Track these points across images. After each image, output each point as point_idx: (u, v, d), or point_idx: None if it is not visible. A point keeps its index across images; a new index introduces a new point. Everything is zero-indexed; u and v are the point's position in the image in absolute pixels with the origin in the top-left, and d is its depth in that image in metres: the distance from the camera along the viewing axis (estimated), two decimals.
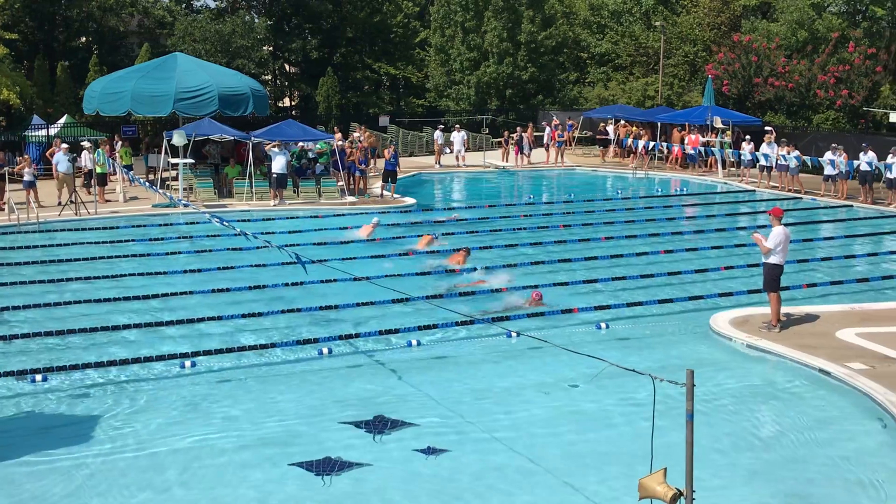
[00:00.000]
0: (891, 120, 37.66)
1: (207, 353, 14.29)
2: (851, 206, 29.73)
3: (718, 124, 36.91)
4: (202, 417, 12.05)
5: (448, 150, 40.10)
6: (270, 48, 53.27)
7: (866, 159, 29.68)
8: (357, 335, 15.30)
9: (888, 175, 28.93)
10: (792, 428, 11.99)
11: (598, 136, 42.35)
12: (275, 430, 11.69)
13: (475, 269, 19.97)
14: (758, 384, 13.63)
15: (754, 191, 33.31)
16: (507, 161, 40.42)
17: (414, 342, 15.05)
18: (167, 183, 30.42)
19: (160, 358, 14.04)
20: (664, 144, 38.46)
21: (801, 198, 31.27)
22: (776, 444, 11.58)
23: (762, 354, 14.55)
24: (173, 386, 13.20)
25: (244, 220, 25.47)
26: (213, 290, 18.12)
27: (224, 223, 18.51)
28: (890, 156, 28.92)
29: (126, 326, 15.70)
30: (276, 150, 28.27)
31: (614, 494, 9.84)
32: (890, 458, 10.88)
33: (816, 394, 13.02)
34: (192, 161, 29.88)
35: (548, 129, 41.38)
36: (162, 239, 23.79)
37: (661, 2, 53.25)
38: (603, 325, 16.13)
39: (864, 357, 13.93)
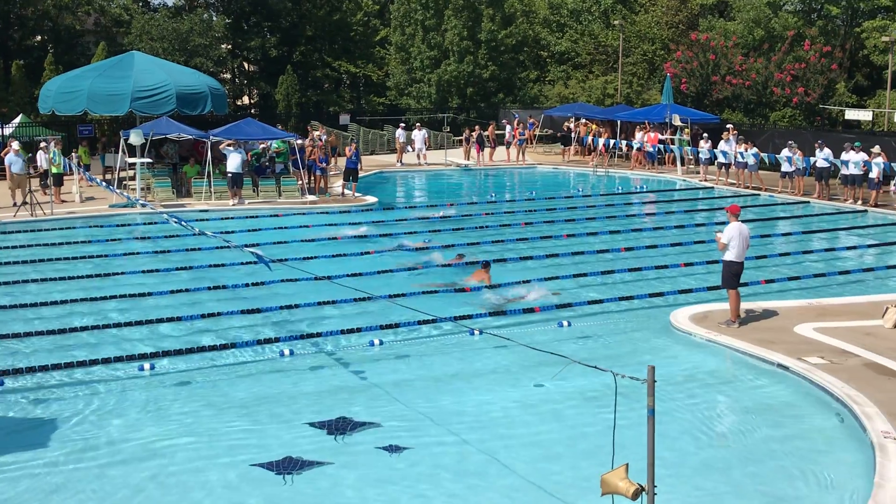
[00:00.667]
0: (846, 117, 38.23)
1: (167, 354, 14.12)
2: (808, 202, 30.11)
3: (677, 122, 37.23)
4: (162, 419, 11.89)
5: (410, 149, 40.07)
6: (229, 46, 52.90)
7: (822, 156, 30.09)
8: (318, 335, 15.18)
9: (844, 171, 29.35)
10: (751, 423, 12.10)
11: (559, 135, 42.49)
12: (235, 430, 11.56)
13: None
14: (717, 379, 13.74)
15: (713, 188, 33.65)
16: (468, 159, 40.45)
17: (376, 341, 14.98)
18: (124, 183, 30.06)
19: (118, 360, 13.84)
20: (624, 142, 38.70)
21: (759, 194, 31.63)
22: (735, 438, 11.68)
23: (722, 350, 14.67)
24: (132, 388, 13.01)
25: (203, 220, 25.25)
26: (172, 291, 17.91)
27: (182, 223, 18.31)
28: (844, 152, 29.33)
29: (83, 328, 15.46)
30: (230, 148, 28.02)
31: (577, 490, 9.86)
32: (847, 452, 11.01)
33: (775, 388, 13.15)
34: (150, 160, 29.55)
35: (509, 127, 41.46)
36: (119, 239, 23.48)
37: (620, 1, 53.62)
38: (565, 322, 16.18)
39: (821, 351, 14.10)
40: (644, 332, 15.83)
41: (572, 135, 42.66)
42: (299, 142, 31.11)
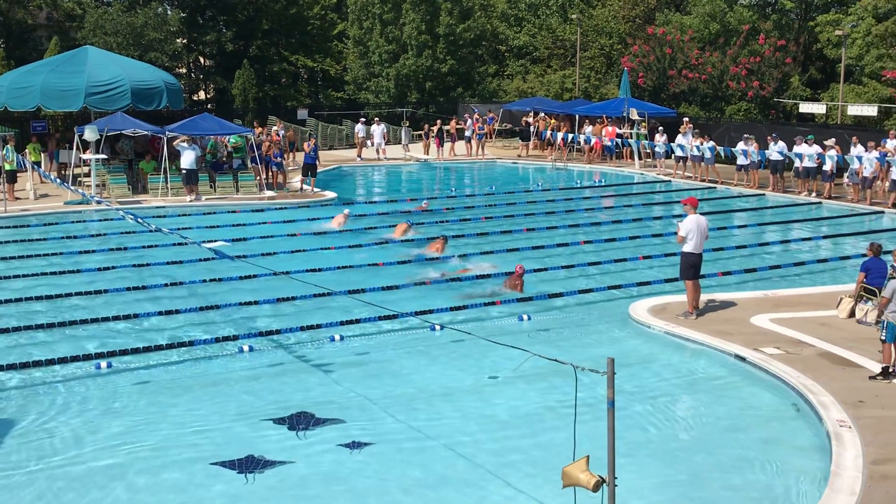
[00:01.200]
0: (800, 110, 38.74)
1: (124, 352, 13.95)
2: (764, 194, 30.48)
3: (635, 116, 37.49)
4: (120, 419, 11.75)
5: (369, 144, 39.94)
6: (184, 41, 52.33)
7: (777, 149, 30.47)
8: (278, 331, 15.10)
9: (798, 164, 29.73)
10: (709, 413, 12.24)
11: (518, 129, 42.58)
12: (195, 429, 11.46)
13: (453, 257, 20.52)
14: (676, 371, 13.87)
15: (670, 181, 33.93)
16: (428, 154, 40.41)
17: (336, 337, 14.92)
18: (79, 179, 29.63)
19: (74, 359, 13.64)
20: (582, 137, 38.90)
21: (715, 187, 31.95)
22: (693, 429, 11.81)
23: (680, 341, 14.82)
24: (89, 387, 12.84)
25: (159, 217, 24.99)
26: (129, 288, 17.70)
27: (138, 220, 18.09)
28: (797, 145, 29.72)
29: (39, 326, 15.23)
30: (184, 144, 27.73)
31: (538, 483, 9.90)
32: (804, 441, 11.17)
33: (732, 379, 13.31)
34: (105, 157, 29.16)
35: (469, 121, 41.47)
36: (75, 237, 23.15)
37: None
38: (525, 316, 16.23)
39: (777, 342, 14.29)
40: (603, 325, 15.93)
41: (531, 129, 42.77)
42: (258, 137, 30.88)
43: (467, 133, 40.80)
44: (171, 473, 10.20)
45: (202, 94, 57.55)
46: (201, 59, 56.24)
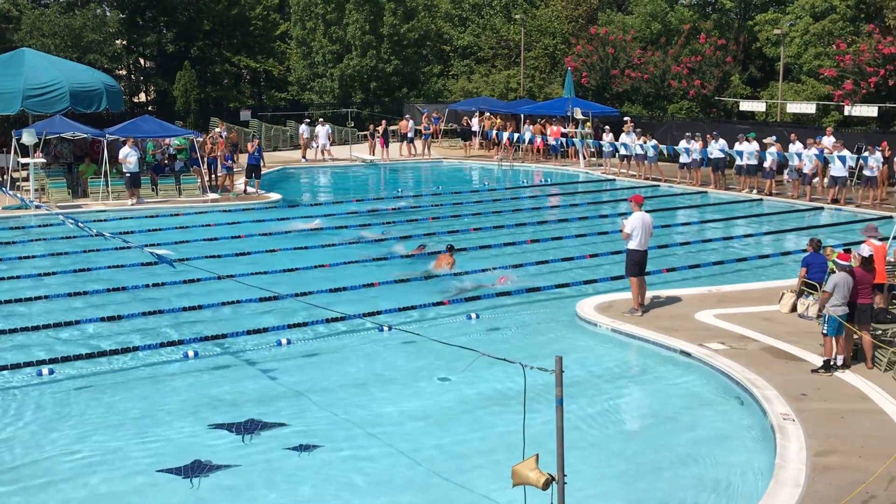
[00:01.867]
0: (741, 108, 39.34)
1: (66, 359, 13.67)
2: (706, 192, 30.89)
3: (579, 115, 37.75)
4: (64, 427, 11.51)
5: (314, 144, 39.69)
6: (124, 42, 51.47)
7: (717, 147, 30.91)
8: (224, 336, 14.91)
9: (739, 162, 30.19)
10: (655, 409, 12.36)
11: (459, 129, 42.49)
12: (141, 435, 11.27)
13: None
14: (622, 367, 14.00)
15: (615, 179, 34.23)
16: (373, 154, 40.29)
17: (283, 341, 14.79)
18: (17, 184, 29.00)
19: (15, 366, 13.34)
20: (528, 136, 39.05)
21: (659, 185, 32.31)
22: (640, 425, 11.93)
23: (626, 338, 14.94)
24: (31, 395, 12.56)
25: (100, 221, 24.57)
26: (70, 294, 17.36)
27: (79, 224, 17.76)
28: (738, 143, 30.19)
29: None
30: (127, 147, 27.31)
31: (488, 482, 9.91)
32: (749, 435, 11.34)
33: (678, 374, 13.46)
34: (44, 160, 28.58)
35: (411, 122, 41.41)
36: (13, 242, 22.65)
37: None
38: (473, 315, 16.25)
39: (721, 337, 14.48)
40: (551, 323, 16.01)
41: (475, 129, 42.85)
42: (199, 139, 30.53)
43: (409, 134, 40.67)
44: (116, 480, 10.02)
45: (143, 96, 56.66)
46: (141, 61, 55.39)
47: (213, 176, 30.72)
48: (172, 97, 48.47)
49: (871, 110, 33.62)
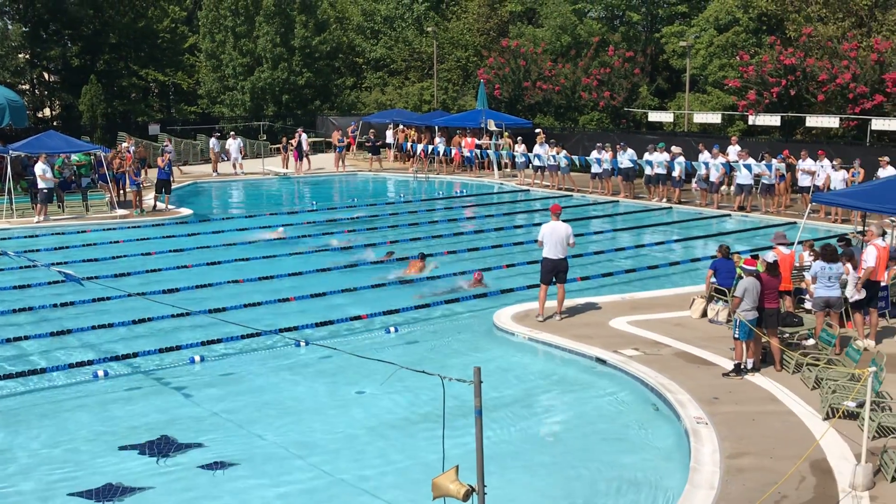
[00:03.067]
0: (649, 119, 40.15)
1: None
2: (617, 201, 31.39)
3: (492, 127, 38.03)
4: None
5: (225, 158, 39.11)
6: (27, 56, 50.07)
7: (627, 157, 31.47)
8: (135, 354, 14.54)
9: (648, 171, 30.77)
10: (572, 416, 12.46)
11: (367, 144, 42.30)
12: (50, 459, 10.91)
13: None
14: (539, 375, 14.09)
15: (528, 190, 34.55)
16: (287, 167, 39.90)
17: (197, 358, 14.49)
18: None
19: None
20: (442, 148, 39.16)
21: (571, 195, 32.72)
22: (557, 432, 11.99)
23: (542, 346, 15.06)
24: None
25: (5, 239, 23.78)
26: None
27: None
28: (647, 153, 30.78)
29: None
30: (41, 164, 26.53)
31: (409, 496, 9.85)
32: (664, 439, 11.51)
33: (593, 381, 13.60)
34: None
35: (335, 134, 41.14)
36: None
37: (433, 7, 54.30)
38: (392, 328, 16.18)
39: (635, 343, 14.70)
40: (469, 334, 16.04)
41: (389, 141, 42.75)
42: (106, 154, 29.80)
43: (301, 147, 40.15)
44: None
45: (48, 111, 55.13)
46: (46, 75, 53.90)
47: (120, 192, 30.00)
48: (78, 112, 47.29)
49: (774, 119, 34.66)
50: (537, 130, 36.95)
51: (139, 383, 13.59)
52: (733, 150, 29.90)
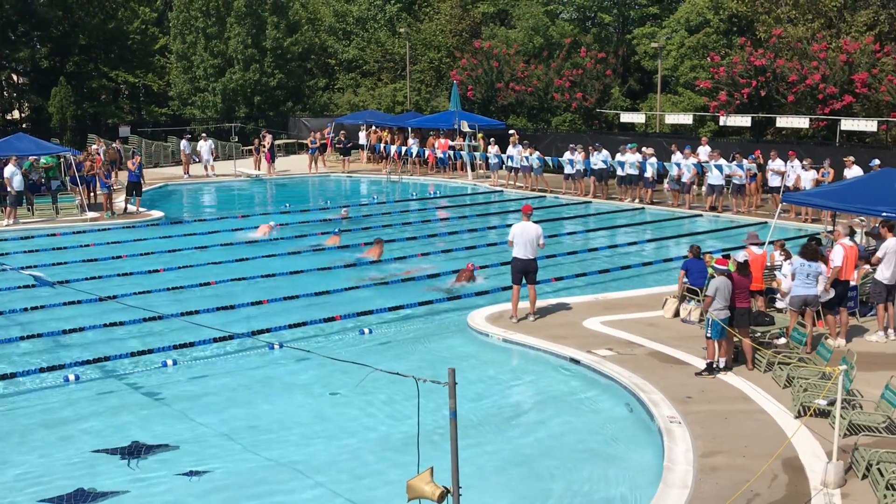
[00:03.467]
0: (622, 120, 40.32)
1: None
2: (590, 202, 31.49)
3: (465, 128, 38.04)
4: None
5: (196, 160, 38.86)
6: None
7: (600, 158, 31.59)
8: (106, 358, 14.40)
9: (620, 172, 30.90)
10: (546, 416, 12.48)
11: (338, 145, 42.18)
12: (21, 464, 10.79)
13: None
14: (514, 376, 14.12)
15: (502, 191, 34.60)
16: (258, 169, 39.72)
17: (169, 362, 14.39)
18: None
19: None
20: (415, 149, 39.13)
21: (545, 196, 32.80)
22: (533, 433, 12.00)
23: (517, 347, 15.08)
24: None
25: None
26: None
27: None
28: (620, 154, 30.92)
29: None
30: (11, 166, 26.26)
31: (386, 497, 9.83)
32: (638, 438, 11.56)
33: (568, 381, 13.64)
34: None
35: (318, 134, 41.00)
36: None
37: (405, 9, 54.27)
38: (366, 330, 16.14)
39: (609, 344, 14.75)
40: (444, 335, 16.04)
41: (362, 143, 42.67)
42: (77, 157, 29.51)
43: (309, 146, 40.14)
44: None
45: (16, 114, 54.54)
46: (14, 77, 53.32)
47: (91, 194, 29.73)
48: (48, 114, 46.84)
49: (744, 120, 34.91)
50: (510, 132, 37.03)
51: (111, 387, 13.47)
52: (704, 151, 30.11)
